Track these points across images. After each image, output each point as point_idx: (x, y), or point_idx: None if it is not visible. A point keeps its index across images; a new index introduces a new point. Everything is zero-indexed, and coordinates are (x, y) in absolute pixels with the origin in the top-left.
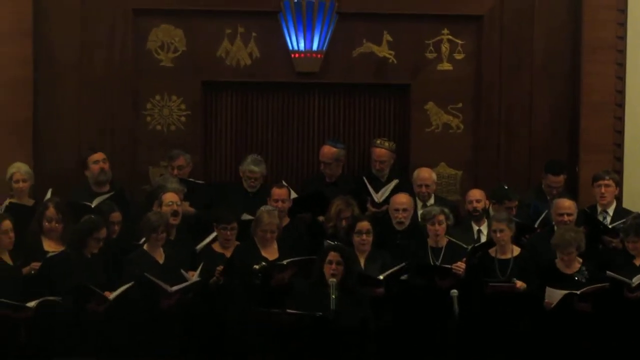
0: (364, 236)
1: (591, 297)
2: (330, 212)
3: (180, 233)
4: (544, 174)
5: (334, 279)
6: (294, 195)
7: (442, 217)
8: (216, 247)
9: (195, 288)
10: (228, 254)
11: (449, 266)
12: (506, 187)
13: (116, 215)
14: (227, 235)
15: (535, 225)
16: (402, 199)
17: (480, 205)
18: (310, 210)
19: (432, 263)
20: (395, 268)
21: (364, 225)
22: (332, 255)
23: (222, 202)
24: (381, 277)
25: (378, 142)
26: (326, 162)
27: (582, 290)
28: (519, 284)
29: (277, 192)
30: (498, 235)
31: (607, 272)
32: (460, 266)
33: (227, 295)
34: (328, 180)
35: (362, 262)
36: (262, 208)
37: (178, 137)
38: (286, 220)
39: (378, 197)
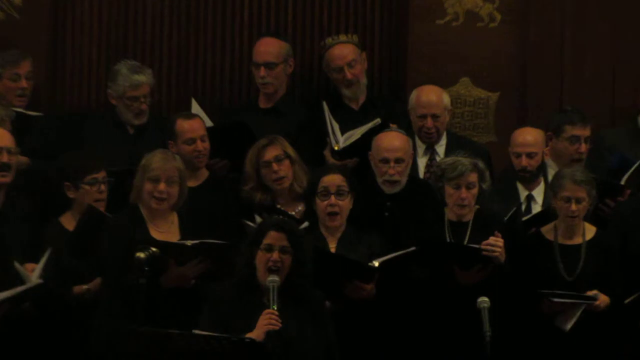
0: (333, 198)
1: None
2: (245, 164)
3: (12, 199)
4: None
5: (276, 278)
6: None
7: (474, 177)
8: (67, 221)
9: (36, 295)
10: None
11: (477, 245)
12: (570, 108)
13: None
14: (99, 193)
15: (622, 182)
16: (394, 141)
17: (534, 162)
18: (230, 155)
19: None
20: (399, 252)
21: (333, 179)
22: (272, 237)
23: (78, 146)
24: (376, 263)
25: (329, 41)
26: (266, 63)
27: None
28: (601, 299)
29: (188, 125)
30: (573, 207)
31: None
32: (495, 243)
33: (90, 303)
34: (263, 106)
35: (332, 247)
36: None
37: (9, 29)
38: (204, 175)
39: (340, 141)
